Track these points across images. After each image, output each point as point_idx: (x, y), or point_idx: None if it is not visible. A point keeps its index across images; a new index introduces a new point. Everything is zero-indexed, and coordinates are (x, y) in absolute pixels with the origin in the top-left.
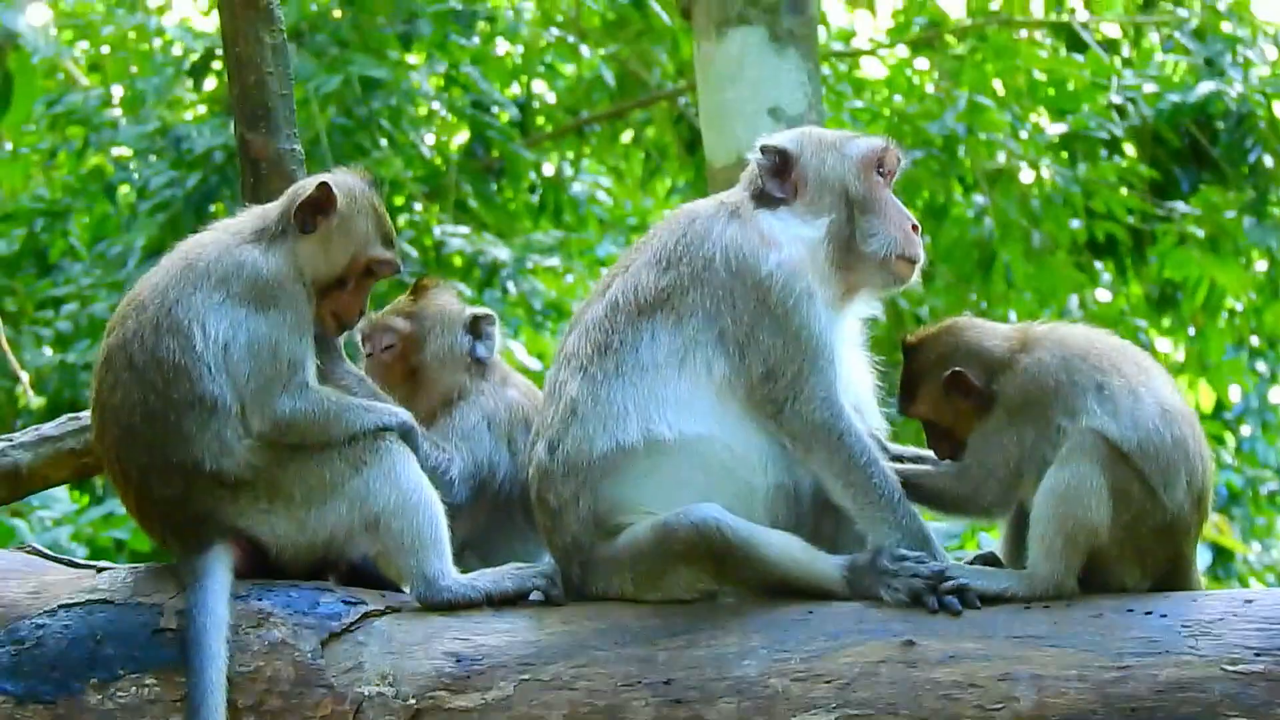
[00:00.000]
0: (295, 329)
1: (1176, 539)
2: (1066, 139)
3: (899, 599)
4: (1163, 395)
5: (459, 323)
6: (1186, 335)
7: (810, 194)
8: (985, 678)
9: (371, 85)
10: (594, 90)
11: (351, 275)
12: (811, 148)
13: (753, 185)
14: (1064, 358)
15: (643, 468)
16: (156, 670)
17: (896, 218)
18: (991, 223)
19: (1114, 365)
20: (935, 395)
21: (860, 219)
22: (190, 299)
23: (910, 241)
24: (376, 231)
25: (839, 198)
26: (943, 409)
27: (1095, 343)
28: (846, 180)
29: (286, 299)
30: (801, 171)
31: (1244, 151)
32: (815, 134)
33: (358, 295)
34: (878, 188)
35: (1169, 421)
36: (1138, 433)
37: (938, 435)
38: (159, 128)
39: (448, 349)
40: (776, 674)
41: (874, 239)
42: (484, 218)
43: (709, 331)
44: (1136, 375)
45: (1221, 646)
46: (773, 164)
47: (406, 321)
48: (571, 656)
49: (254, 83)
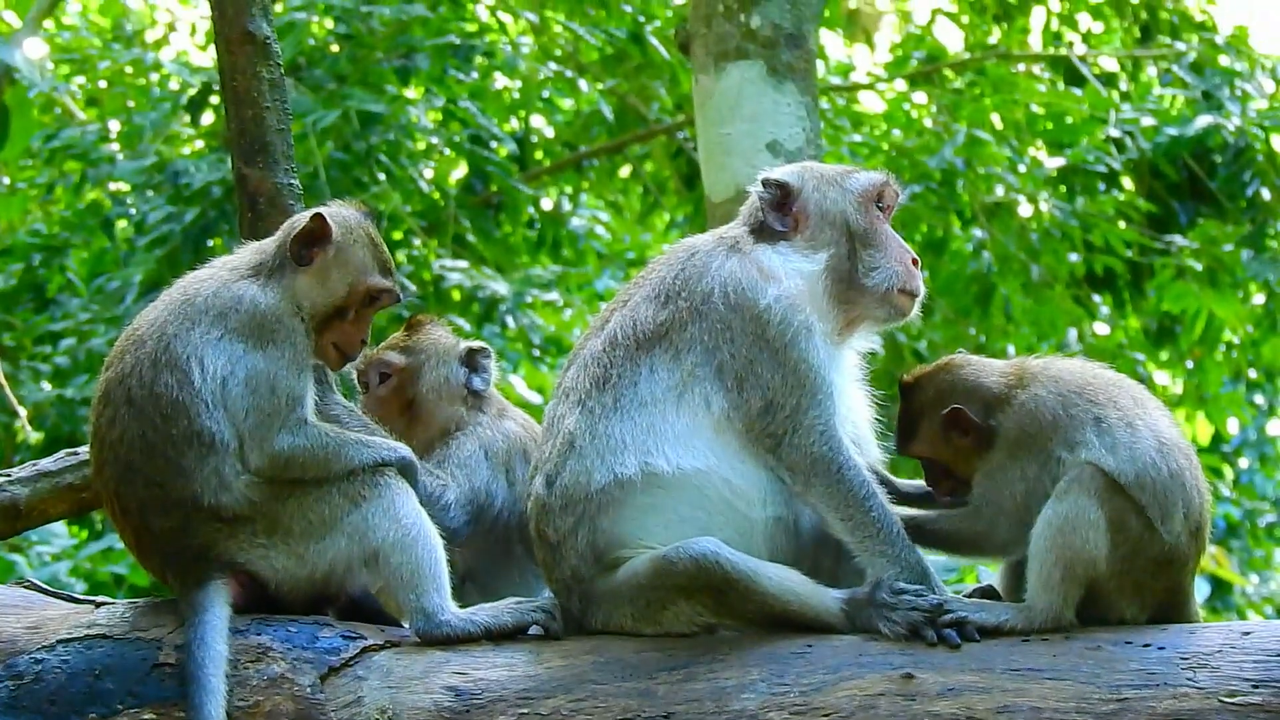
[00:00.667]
0: (293, 364)
1: (1174, 571)
2: (1065, 173)
3: (898, 632)
4: (1159, 428)
5: (454, 356)
6: (1184, 368)
7: (811, 228)
8: (984, 710)
9: (369, 120)
10: (592, 125)
11: (351, 305)
12: (813, 181)
13: (753, 219)
14: (1061, 393)
15: (641, 502)
16: (155, 705)
17: (897, 252)
18: (990, 256)
19: (1111, 399)
20: (934, 434)
21: (862, 252)
22: (188, 335)
23: (911, 275)
24: (374, 260)
25: (840, 231)
26: (942, 447)
27: (1092, 377)
28: (848, 214)
29: (284, 334)
30: (803, 205)
31: (1242, 185)
32: (815, 168)
33: (359, 326)
34: (878, 222)
35: (1166, 454)
36: (1135, 465)
37: (937, 473)
38: (156, 163)
39: (443, 381)
40: (775, 707)
41: (876, 272)
42: (483, 252)
43: (707, 366)
44: (1133, 408)
45: (1219, 679)
46: (774, 197)
47: (402, 356)
48: (570, 690)
49: (251, 117)
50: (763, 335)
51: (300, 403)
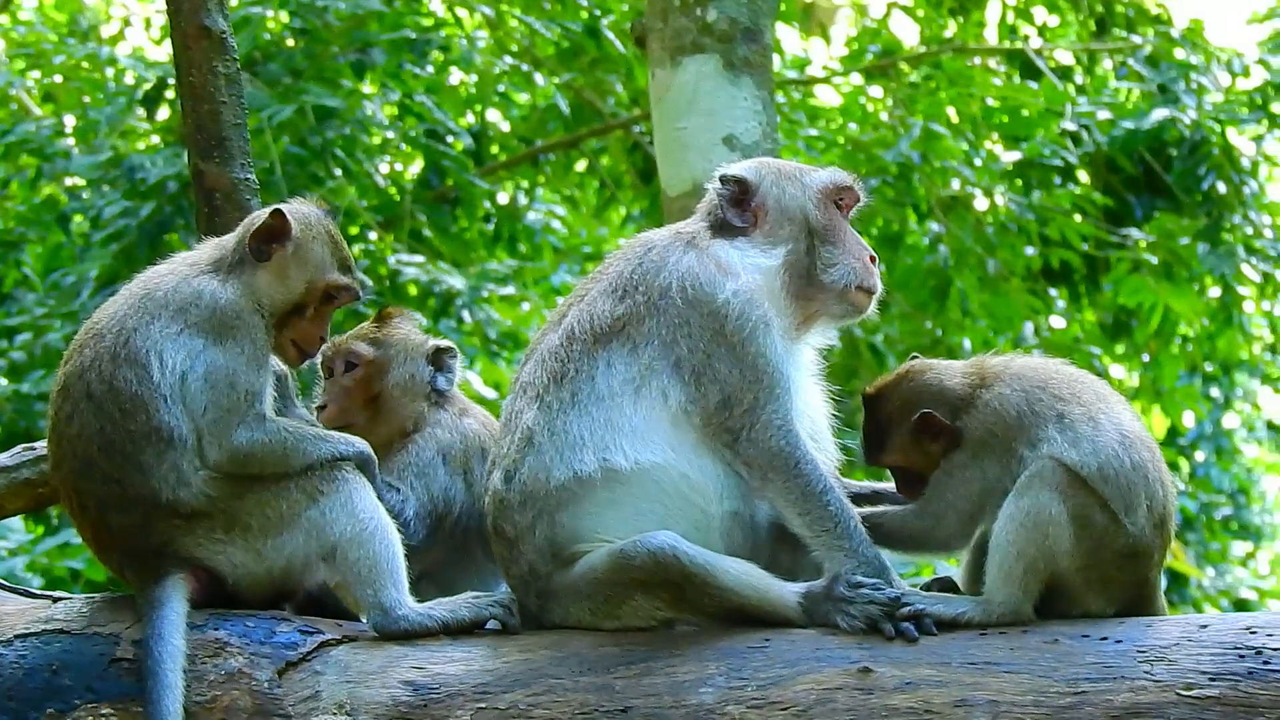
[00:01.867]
0: (253, 360)
1: (1140, 564)
2: (1021, 166)
3: (856, 626)
4: (1122, 421)
5: (422, 353)
6: (1140, 362)
7: (770, 224)
8: (942, 704)
9: (325, 115)
10: (548, 119)
11: (310, 302)
12: (771, 177)
13: (711, 215)
14: (1024, 390)
15: (600, 497)
16: (113, 700)
17: (855, 248)
18: (946, 250)
19: (1073, 394)
20: (905, 441)
21: (820, 249)
22: (148, 329)
23: (869, 272)
24: (333, 257)
25: (799, 227)
26: (914, 454)
27: (1054, 373)
28: (807, 210)
29: (244, 329)
30: (761, 201)
31: (1198, 178)
32: (774, 164)
33: (317, 323)
34: (837, 219)
35: (1128, 447)
36: (1097, 458)
37: (909, 479)
38: (112, 158)
39: (409, 378)
40: (733, 702)
41: (833, 269)
42: (439, 247)
43: (665, 360)
44: (1095, 403)
45: (1176, 672)
46: (732, 193)
47: (371, 347)
48: (528, 685)
49: (208, 112)
50: (720, 330)
51: (259, 398)
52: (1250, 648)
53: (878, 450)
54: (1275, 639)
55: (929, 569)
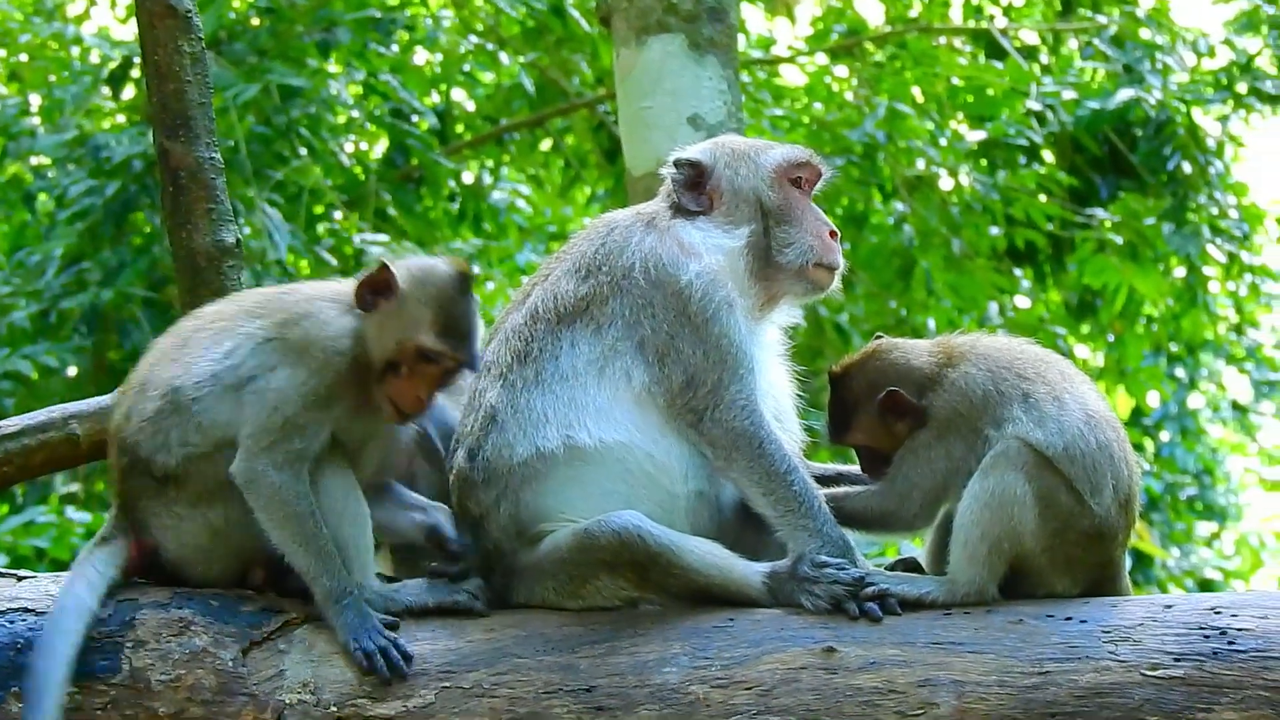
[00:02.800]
0: (314, 397)
1: (1105, 545)
2: (986, 146)
3: (820, 606)
4: (1087, 401)
5: None
6: (1105, 342)
7: (726, 205)
8: (906, 684)
9: (290, 94)
10: (513, 98)
11: (403, 360)
12: (725, 159)
13: (670, 199)
14: (990, 370)
15: (564, 475)
16: (78, 679)
17: (813, 226)
18: (911, 230)
19: (1039, 374)
20: (870, 420)
21: (775, 229)
22: (252, 322)
23: (827, 249)
24: (435, 319)
25: (754, 208)
26: (879, 433)
27: (1019, 353)
28: (760, 191)
29: (322, 365)
30: (716, 183)
31: (1163, 158)
32: (729, 144)
33: (413, 383)
34: (793, 197)
35: (1094, 427)
36: (1063, 438)
37: (874, 459)
38: (77, 136)
39: None
40: (698, 681)
41: (789, 249)
42: (404, 226)
43: (628, 340)
44: (1061, 383)
45: (1141, 652)
46: (687, 177)
47: None
48: (493, 664)
49: (173, 91)
50: (684, 311)
51: (299, 437)
52: (1215, 628)
53: (843, 429)
54: (1240, 619)
55: (894, 549)
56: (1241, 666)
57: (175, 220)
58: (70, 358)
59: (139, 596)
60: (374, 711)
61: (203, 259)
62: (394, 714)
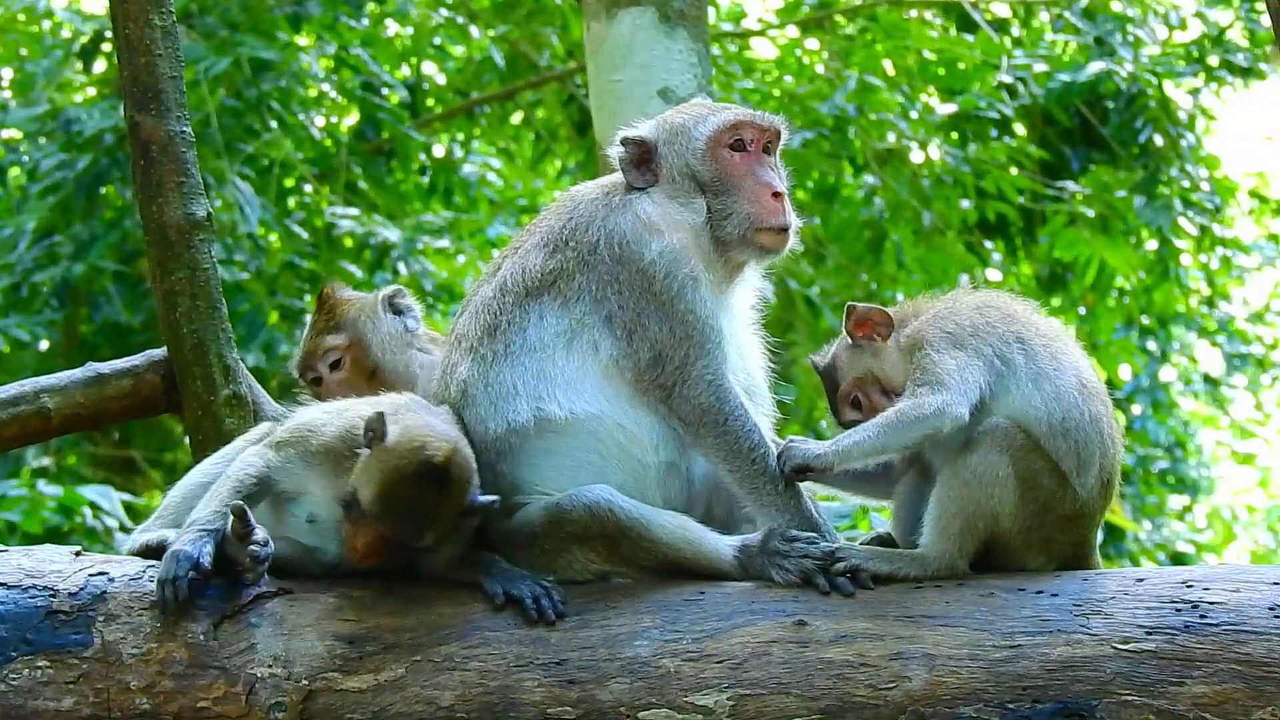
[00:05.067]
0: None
1: (1083, 525)
2: (956, 119)
3: (790, 580)
4: (1080, 367)
5: (379, 309)
6: (1077, 314)
7: (674, 180)
8: (877, 657)
9: (261, 67)
10: (484, 71)
11: (353, 505)
12: (665, 135)
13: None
14: (974, 306)
15: (535, 447)
16: (49, 652)
17: (751, 190)
18: (882, 203)
19: (1028, 321)
20: (849, 355)
21: (713, 201)
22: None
23: (769, 210)
24: (383, 486)
25: (692, 182)
26: (861, 359)
27: (1000, 300)
28: (693, 166)
29: (313, 467)
30: (660, 160)
31: (1134, 131)
32: (672, 119)
33: (359, 531)
34: (729, 165)
35: (1088, 397)
36: (1061, 405)
37: (876, 401)
38: (49, 110)
39: (388, 336)
40: (669, 654)
41: (728, 220)
42: (374, 199)
43: (596, 314)
44: (1055, 339)
45: (1113, 625)
46: (633, 154)
47: (339, 335)
48: (464, 637)
49: (144, 65)
50: (649, 289)
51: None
52: (1187, 601)
53: (834, 389)
54: (1212, 593)
55: (865, 524)
56: (1213, 640)
57: (146, 194)
58: (42, 331)
59: (110, 570)
60: (345, 685)
61: (174, 232)
62: (365, 687)
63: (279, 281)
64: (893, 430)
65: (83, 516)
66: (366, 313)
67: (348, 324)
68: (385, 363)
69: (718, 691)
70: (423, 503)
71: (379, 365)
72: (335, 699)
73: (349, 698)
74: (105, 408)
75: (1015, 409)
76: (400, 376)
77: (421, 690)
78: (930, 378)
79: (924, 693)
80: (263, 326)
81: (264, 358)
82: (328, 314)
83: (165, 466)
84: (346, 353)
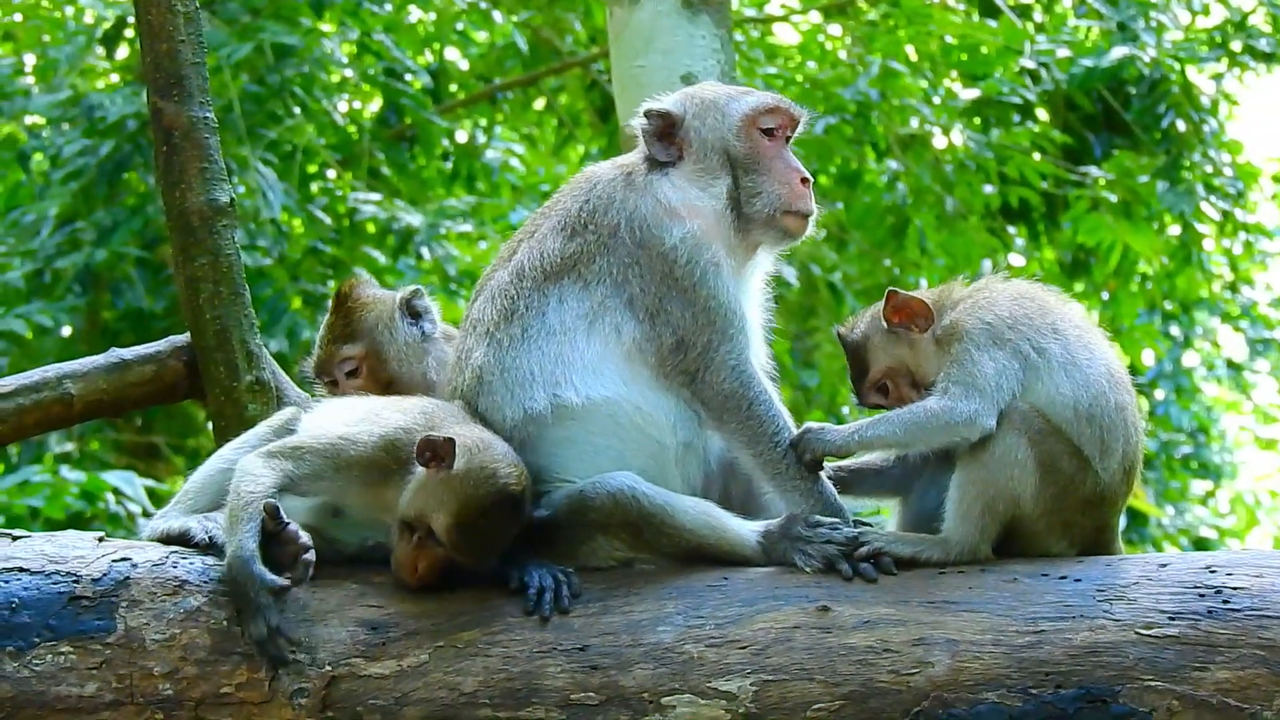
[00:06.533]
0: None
1: (1105, 510)
2: (979, 104)
3: (814, 565)
4: (1109, 357)
5: (397, 316)
6: (1099, 300)
7: (695, 156)
8: (900, 643)
9: (284, 53)
10: (507, 57)
11: (416, 528)
12: (694, 109)
13: (645, 149)
14: (1011, 296)
15: (554, 436)
16: (72, 638)
17: (781, 173)
18: (904, 189)
19: (1062, 313)
20: (884, 341)
21: (744, 179)
22: None
23: (797, 195)
24: (461, 512)
25: (722, 158)
26: (897, 349)
27: (1034, 291)
28: (727, 141)
29: (346, 475)
30: (685, 134)
31: (1157, 116)
32: (700, 94)
33: (417, 554)
34: (762, 146)
35: (1115, 386)
36: (1088, 392)
37: (905, 392)
38: (72, 96)
39: (405, 346)
40: (691, 640)
41: (757, 199)
42: (397, 185)
43: (617, 298)
44: (1086, 330)
45: (1136, 611)
46: (656, 127)
47: (355, 344)
48: (487, 624)
49: (166, 51)
50: (670, 274)
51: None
52: (1210, 587)
53: (862, 371)
54: (1235, 578)
55: (887, 512)
56: (1237, 625)
57: (169, 180)
58: (64, 317)
59: (133, 555)
60: (368, 670)
61: (196, 218)
62: (388, 673)
63: (302, 267)
64: (920, 430)
65: (105, 502)
66: (384, 320)
67: (365, 332)
68: (401, 375)
69: (741, 677)
70: (497, 531)
71: (395, 379)
72: (358, 685)
73: (372, 683)
74: (127, 394)
75: (1042, 395)
76: (417, 384)
77: (444, 676)
78: (966, 379)
79: (947, 678)
80: (285, 312)
81: (287, 343)
82: (345, 318)
83: (188, 452)
84: (363, 362)
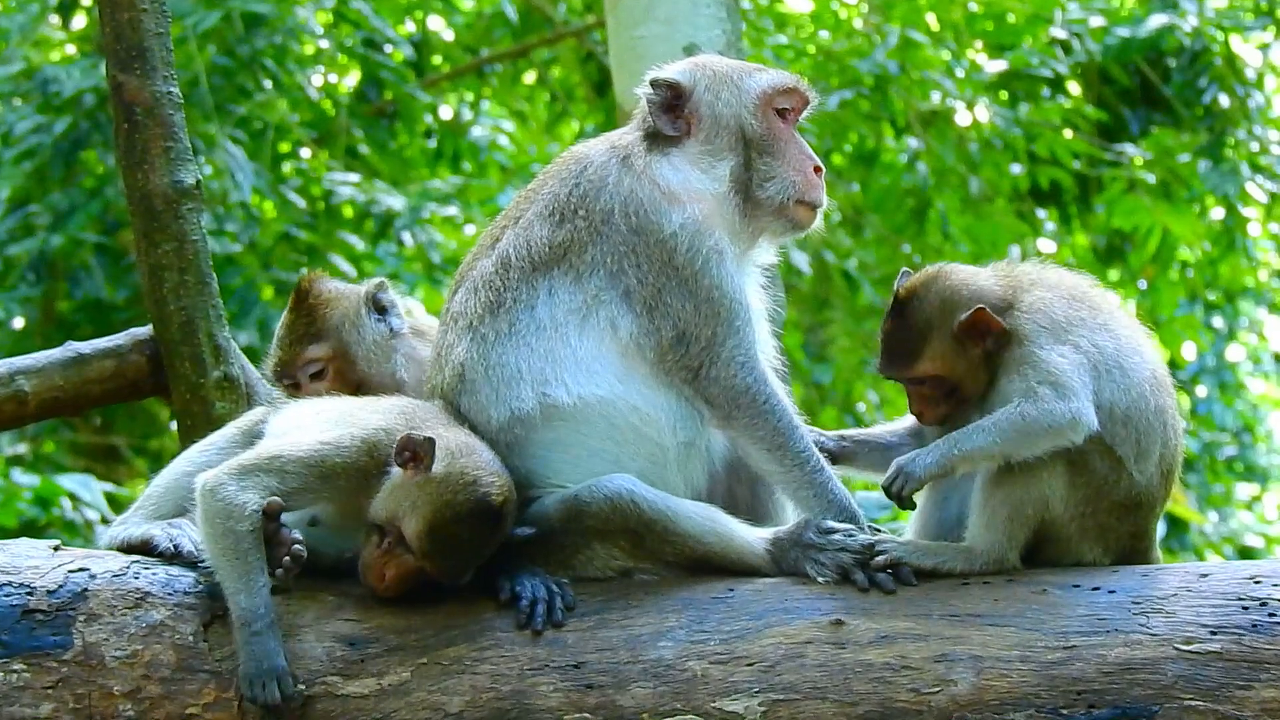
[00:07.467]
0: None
1: (1142, 515)
2: (1006, 77)
3: (827, 575)
4: (1154, 359)
5: (363, 312)
6: (1136, 289)
7: (704, 133)
8: (920, 659)
9: (254, 22)
10: (495, 27)
11: (387, 532)
12: (705, 81)
13: (645, 124)
14: (1066, 298)
15: (544, 438)
16: (25, 655)
17: (796, 159)
18: (925, 169)
19: (1111, 314)
20: (946, 346)
21: (757, 161)
22: None
23: (811, 185)
24: (433, 518)
25: (734, 137)
26: (955, 359)
27: (1086, 287)
28: (742, 119)
29: (333, 485)
30: (695, 107)
31: (1198, 90)
32: (711, 65)
33: (386, 560)
34: (777, 127)
35: (1157, 389)
36: (1128, 396)
37: (941, 394)
38: (24, 69)
39: (372, 345)
40: (695, 656)
41: (770, 183)
42: (377, 165)
43: (613, 290)
44: (1133, 331)
45: (1175, 625)
46: (664, 99)
47: (320, 345)
48: (474, 638)
49: (128, 20)
50: (670, 262)
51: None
52: (1255, 599)
53: (909, 358)
54: None
55: (905, 516)
56: None
57: (130, 160)
58: (17, 308)
59: (91, 565)
60: (346, 690)
61: (160, 201)
62: (368, 692)
63: (274, 254)
64: (1022, 437)
65: (61, 508)
66: (350, 317)
67: (330, 331)
68: (370, 376)
69: (748, 696)
70: (471, 544)
71: (364, 380)
72: (335, 705)
73: (350, 703)
74: (86, 391)
75: None
76: (387, 383)
77: (428, 695)
78: (1049, 379)
79: (971, 697)
80: (256, 303)
81: (257, 336)
82: (307, 316)
83: (150, 454)
84: (330, 363)
